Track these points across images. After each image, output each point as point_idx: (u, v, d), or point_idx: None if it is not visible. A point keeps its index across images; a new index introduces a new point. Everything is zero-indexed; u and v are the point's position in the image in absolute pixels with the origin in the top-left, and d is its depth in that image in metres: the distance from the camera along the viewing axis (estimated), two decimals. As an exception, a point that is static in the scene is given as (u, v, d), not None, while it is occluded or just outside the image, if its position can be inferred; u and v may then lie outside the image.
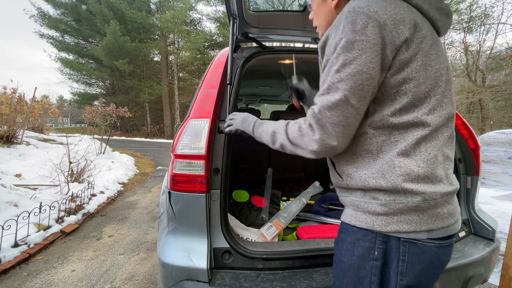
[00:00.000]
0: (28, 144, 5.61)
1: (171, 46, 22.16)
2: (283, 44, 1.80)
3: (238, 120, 1.02)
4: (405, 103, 0.64)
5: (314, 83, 2.89)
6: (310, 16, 0.89)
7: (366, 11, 0.61)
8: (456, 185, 0.70)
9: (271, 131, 0.82)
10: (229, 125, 1.06)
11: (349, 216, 0.74)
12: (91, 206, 3.55)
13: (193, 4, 20.69)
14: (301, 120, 0.73)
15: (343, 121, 0.64)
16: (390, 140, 0.66)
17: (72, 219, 3.06)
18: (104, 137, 7.70)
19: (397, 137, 0.65)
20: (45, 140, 6.52)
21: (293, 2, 1.88)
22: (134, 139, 20.16)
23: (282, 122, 0.80)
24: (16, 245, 2.38)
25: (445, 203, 0.66)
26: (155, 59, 24.08)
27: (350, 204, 0.74)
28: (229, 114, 1.25)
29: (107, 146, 7.48)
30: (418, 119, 0.64)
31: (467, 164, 1.49)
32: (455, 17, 13.40)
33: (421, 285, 0.67)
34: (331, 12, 0.78)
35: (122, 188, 4.88)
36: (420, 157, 0.64)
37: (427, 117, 0.65)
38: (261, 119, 2.65)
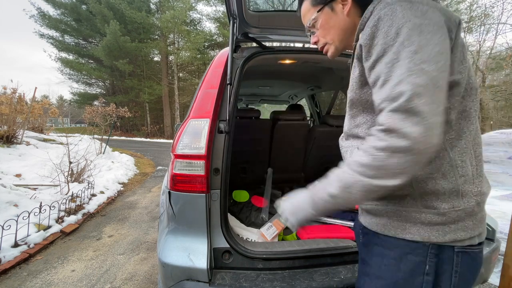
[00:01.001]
0: (28, 144, 5.61)
1: (171, 46, 22.15)
2: (283, 44, 1.79)
3: (289, 216, 0.73)
4: (456, 94, 0.60)
5: (314, 83, 2.87)
6: (313, 40, 0.83)
7: (419, 0, 0.58)
8: (490, 184, 0.68)
9: (338, 191, 0.60)
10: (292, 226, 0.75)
11: (391, 227, 0.65)
12: (91, 206, 3.55)
13: (193, 4, 20.67)
14: (367, 144, 0.56)
15: (440, 107, 0.52)
16: (446, 137, 0.60)
17: (72, 219, 3.06)
18: (104, 137, 7.70)
19: (451, 134, 0.61)
20: (45, 140, 6.52)
21: (293, 2, 1.88)
22: (134, 139, 20.16)
23: (341, 170, 0.61)
24: (16, 245, 2.37)
25: (485, 205, 0.65)
26: (155, 59, 24.07)
27: (392, 214, 0.65)
28: (228, 114, 1.26)
29: (107, 146, 7.47)
30: (468, 113, 0.61)
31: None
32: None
33: None
34: (345, 21, 0.75)
35: (122, 188, 4.87)
36: (472, 154, 0.62)
37: (473, 110, 0.61)
38: (261, 119, 2.63)
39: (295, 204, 0.73)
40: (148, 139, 19.98)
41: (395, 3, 0.58)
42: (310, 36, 0.85)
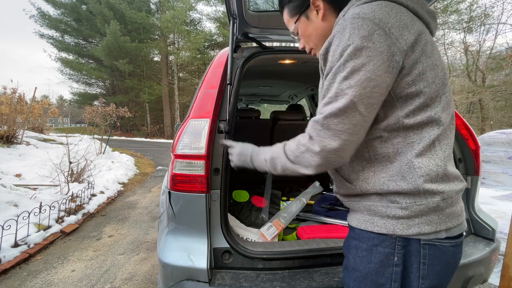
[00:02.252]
0: (28, 144, 5.61)
1: (171, 46, 22.16)
2: (283, 44, 1.79)
3: (235, 155, 0.97)
4: (418, 104, 0.64)
5: (314, 83, 2.88)
6: (301, 46, 0.88)
7: (371, 17, 0.60)
8: (464, 182, 0.71)
9: (269, 158, 0.78)
10: (231, 160, 1.00)
11: (363, 221, 0.71)
12: (91, 206, 3.55)
13: (193, 4, 20.68)
14: (299, 137, 0.70)
15: (350, 128, 0.61)
16: (406, 142, 0.65)
17: (72, 219, 3.06)
18: (104, 137, 7.70)
19: (413, 138, 0.65)
20: (45, 140, 6.52)
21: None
22: (134, 139, 20.16)
23: (279, 145, 0.77)
24: (16, 245, 2.38)
25: (458, 201, 0.68)
26: (155, 59, 24.08)
27: (364, 209, 0.71)
28: (228, 114, 1.26)
29: (107, 146, 7.48)
30: (432, 118, 0.65)
31: (467, 164, 1.49)
32: (455, 17, 13.41)
33: (440, 285, 0.68)
34: (322, 26, 0.78)
35: (122, 188, 4.88)
36: (438, 156, 0.65)
37: (440, 115, 0.65)
38: (261, 119, 2.63)
39: (242, 151, 0.94)
40: (148, 139, 19.99)
41: (348, 20, 0.63)
42: (299, 41, 0.90)
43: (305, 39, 0.84)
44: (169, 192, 1.20)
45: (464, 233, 0.71)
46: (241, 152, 0.95)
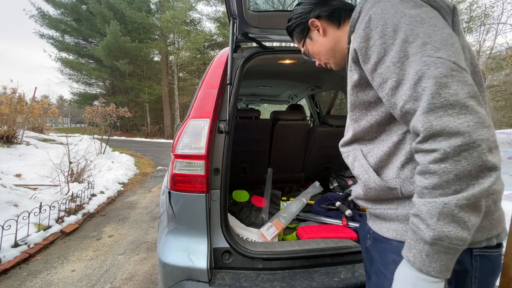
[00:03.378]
0: (28, 144, 5.61)
1: (171, 46, 22.14)
2: (283, 44, 1.79)
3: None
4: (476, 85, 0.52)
5: (314, 83, 2.87)
6: (317, 63, 0.90)
7: None
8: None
9: (442, 226, 0.46)
10: None
11: (404, 232, 0.59)
12: (91, 206, 3.55)
13: (193, 4, 20.67)
14: (417, 158, 0.50)
15: (471, 91, 0.46)
16: None
17: (72, 219, 3.06)
18: (104, 137, 7.70)
19: None
20: (45, 140, 6.52)
21: (293, 2, 1.88)
22: (134, 139, 20.15)
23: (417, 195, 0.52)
24: (16, 245, 2.37)
25: (500, 203, 0.60)
26: (155, 59, 24.06)
27: (404, 218, 0.60)
28: (228, 114, 1.26)
29: (107, 146, 7.47)
30: (485, 102, 0.57)
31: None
32: (455, 17, 13.36)
33: None
34: (326, 41, 0.81)
35: (122, 188, 4.88)
36: None
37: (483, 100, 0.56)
38: (261, 119, 2.64)
39: (403, 280, 0.54)
40: (148, 139, 19.97)
41: (378, 4, 0.56)
42: (314, 59, 0.92)
43: (316, 56, 0.87)
44: (169, 192, 1.20)
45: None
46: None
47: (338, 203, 1.77)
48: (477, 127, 0.44)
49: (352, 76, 0.66)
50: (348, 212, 1.67)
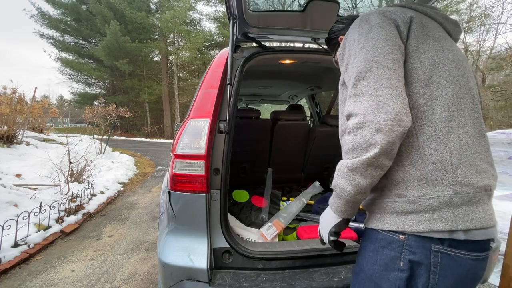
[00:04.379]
0: (28, 144, 5.61)
1: (171, 46, 22.13)
2: (283, 44, 1.79)
3: (322, 227, 0.79)
4: (424, 80, 0.63)
5: (314, 83, 2.87)
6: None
7: (373, 11, 0.72)
8: (493, 180, 0.64)
9: (338, 179, 0.66)
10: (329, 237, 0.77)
11: (374, 220, 0.68)
12: (91, 206, 3.55)
13: (193, 4, 20.66)
14: (343, 137, 0.69)
15: (384, 83, 0.59)
16: (417, 124, 0.62)
17: (72, 219, 3.06)
18: (104, 137, 7.70)
19: (423, 120, 0.62)
20: (45, 140, 6.52)
21: (293, 2, 1.88)
22: (134, 139, 20.15)
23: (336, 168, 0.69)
24: (16, 245, 2.37)
25: (480, 200, 0.60)
26: (155, 59, 24.05)
27: (376, 208, 0.68)
28: (228, 114, 1.26)
29: (107, 146, 7.47)
30: (443, 99, 0.62)
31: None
32: (455, 17, 13.41)
33: None
34: None
35: (122, 188, 4.87)
36: (453, 143, 0.60)
37: (450, 95, 0.63)
38: (261, 119, 2.63)
39: (322, 220, 0.79)
40: (148, 139, 19.97)
41: (357, 20, 0.74)
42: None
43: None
44: (169, 192, 1.20)
45: (492, 245, 0.63)
46: (322, 223, 0.79)
47: None
48: (371, 111, 0.57)
49: (340, 78, 0.81)
50: None
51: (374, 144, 0.57)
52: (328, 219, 0.74)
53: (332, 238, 0.73)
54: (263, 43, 1.50)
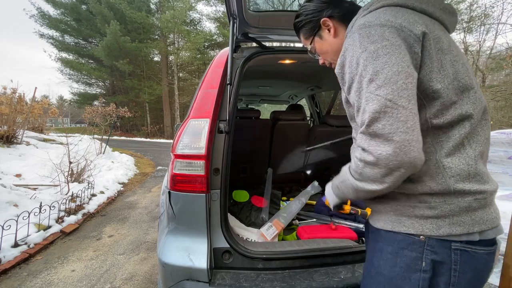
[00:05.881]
0: (28, 144, 5.61)
1: (171, 46, 22.13)
2: (283, 44, 1.79)
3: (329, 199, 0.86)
4: (444, 101, 0.61)
5: (314, 83, 2.87)
6: (321, 62, 0.92)
7: (377, 22, 0.61)
8: (497, 183, 0.67)
9: (339, 182, 0.73)
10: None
11: (389, 222, 0.67)
12: (91, 206, 3.55)
13: (193, 4, 20.66)
14: (356, 152, 0.64)
15: (400, 127, 0.55)
16: (435, 141, 0.63)
17: (72, 219, 3.06)
18: (104, 137, 7.70)
19: (441, 137, 0.62)
20: (45, 140, 6.52)
21: (293, 2, 1.88)
22: (134, 139, 20.15)
23: (345, 167, 0.72)
24: (16, 245, 2.37)
25: (491, 202, 0.65)
26: (155, 59, 24.05)
27: (390, 210, 0.68)
28: (228, 114, 1.26)
29: (107, 146, 7.47)
30: (462, 116, 0.62)
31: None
32: (455, 17, 13.35)
33: None
34: (335, 42, 0.83)
35: (122, 188, 4.87)
36: (468, 155, 0.62)
37: (472, 112, 0.62)
38: (261, 119, 2.63)
39: (327, 192, 0.85)
40: (148, 139, 19.97)
41: (356, 31, 0.64)
42: (319, 58, 0.94)
43: (323, 55, 0.89)
44: (169, 192, 1.20)
45: (498, 241, 0.67)
46: (328, 195, 0.86)
47: None
48: (386, 157, 0.56)
49: (342, 94, 0.76)
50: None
51: (382, 183, 0.59)
52: (330, 197, 0.82)
53: (336, 207, 0.84)
54: (263, 43, 1.50)
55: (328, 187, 0.84)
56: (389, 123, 0.55)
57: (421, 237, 0.62)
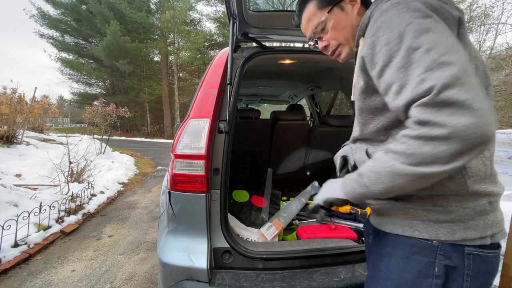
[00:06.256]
0: (28, 144, 5.61)
1: (171, 46, 22.14)
2: (283, 44, 1.79)
3: (320, 193, 0.76)
4: None
5: (314, 83, 2.86)
6: (323, 44, 0.78)
7: (414, 1, 0.56)
8: (503, 186, 0.65)
9: (367, 171, 0.59)
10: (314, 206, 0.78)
11: (400, 226, 0.64)
12: (91, 206, 3.55)
13: (193, 4, 20.66)
14: (400, 134, 0.53)
15: (478, 93, 0.46)
16: None
17: (72, 219, 3.06)
18: (104, 137, 7.70)
19: None
20: (45, 140, 6.52)
21: (293, 2, 1.88)
22: (134, 139, 20.15)
23: (377, 156, 0.59)
24: (16, 245, 2.37)
25: (499, 206, 0.63)
26: (155, 59, 24.06)
27: (401, 213, 0.64)
28: (228, 114, 1.26)
29: (107, 146, 7.47)
30: None
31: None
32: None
33: None
34: (355, 19, 0.73)
35: (122, 188, 4.87)
36: (483, 154, 0.59)
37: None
38: (261, 119, 2.62)
39: (328, 185, 0.74)
40: (148, 139, 19.97)
41: (390, 9, 0.57)
42: (315, 43, 0.82)
43: (335, 33, 0.76)
44: (169, 192, 1.20)
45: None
46: (327, 189, 0.75)
47: None
48: (463, 128, 0.45)
49: (358, 83, 0.67)
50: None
51: (449, 163, 0.47)
52: (333, 190, 0.70)
53: (322, 205, 0.72)
54: (263, 43, 1.50)
55: (331, 182, 0.74)
56: (464, 89, 0.46)
57: (435, 241, 0.59)
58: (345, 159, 0.89)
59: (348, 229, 1.57)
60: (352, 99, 0.74)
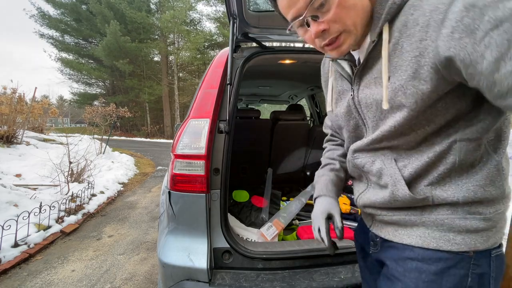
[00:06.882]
0: (28, 144, 5.61)
1: (171, 46, 22.15)
2: (283, 44, 1.79)
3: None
4: None
5: (314, 83, 2.86)
6: (321, 27, 0.54)
7: None
8: None
9: None
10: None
11: (432, 239, 0.57)
12: (91, 206, 3.55)
13: (193, 4, 20.67)
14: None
15: None
16: (488, 138, 0.54)
17: (72, 219, 3.06)
18: (104, 137, 7.70)
19: (490, 136, 0.54)
20: (45, 140, 6.52)
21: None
22: (134, 139, 20.15)
23: None
24: (16, 245, 2.37)
25: None
26: (155, 59, 24.06)
27: (431, 224, 0.58)
28: (228, 114, 1.26)
29: (107, 146, 7.47)
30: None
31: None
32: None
33: None
34: (367, 2, 0.55)
35: (122, 188, 4.87)
36: (505, 154, 0.58)
37: None
38: (261, 119, 2.63)
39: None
40: (148, 139, 19.98)
41: None
42: (302, 24, 0.57)
43: (340, 13, 0.53)
44: (169, 192, 1.20)
45: None
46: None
47: None
48: None
49: (417, 87, 0.50)
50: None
51: None
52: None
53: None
54: (263, 43, 1.50)
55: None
56: None
57: (471, 252, 0.55)
58: (330, 218, 0.77)
59: (348, 229, 1.57)
60: (384, 108, 0.56)
